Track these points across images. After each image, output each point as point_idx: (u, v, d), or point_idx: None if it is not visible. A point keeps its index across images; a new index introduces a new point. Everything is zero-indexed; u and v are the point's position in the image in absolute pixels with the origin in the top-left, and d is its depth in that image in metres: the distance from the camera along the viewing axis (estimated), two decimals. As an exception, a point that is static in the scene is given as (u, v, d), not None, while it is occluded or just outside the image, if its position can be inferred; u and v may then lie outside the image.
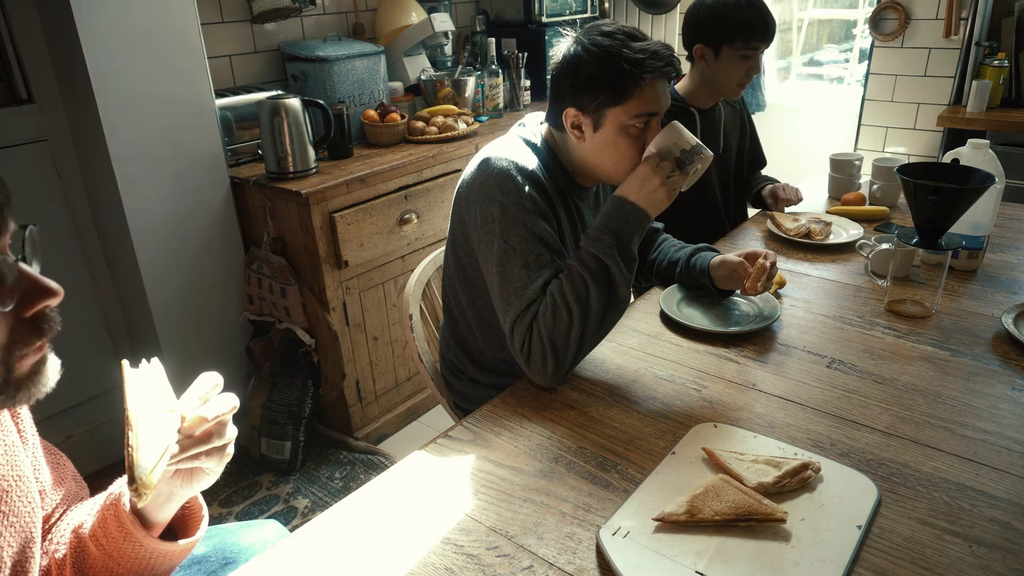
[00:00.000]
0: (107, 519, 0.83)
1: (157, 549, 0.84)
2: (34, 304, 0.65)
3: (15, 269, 0.64)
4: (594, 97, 1.19)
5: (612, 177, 1.27)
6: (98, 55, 1.86)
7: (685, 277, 1.49)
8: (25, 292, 0.65)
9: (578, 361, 1.18)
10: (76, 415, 2.23)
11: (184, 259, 2.15)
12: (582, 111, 1.21)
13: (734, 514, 0.87)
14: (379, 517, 0.94)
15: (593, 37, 1.19)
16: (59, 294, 0.66)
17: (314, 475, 2.25)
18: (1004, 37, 2.97)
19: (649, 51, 1.16)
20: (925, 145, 3.21)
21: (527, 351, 1.17)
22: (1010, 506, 0.91)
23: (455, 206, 1.32)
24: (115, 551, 0.83)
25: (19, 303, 0.64)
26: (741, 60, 1.76)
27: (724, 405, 1.14)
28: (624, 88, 1.17)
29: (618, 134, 1.21)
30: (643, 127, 1.21)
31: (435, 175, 2.38)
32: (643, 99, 1.18)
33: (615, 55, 1.16)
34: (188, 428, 0.79)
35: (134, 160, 1.98)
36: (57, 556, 0.87)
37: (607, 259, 1.15)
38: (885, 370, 1.22)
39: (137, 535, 0.82)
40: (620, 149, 1.22)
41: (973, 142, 1.53)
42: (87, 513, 0.89)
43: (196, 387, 0.82)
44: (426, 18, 2.68)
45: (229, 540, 1.10)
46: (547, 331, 1.14)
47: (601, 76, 1.17)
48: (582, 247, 1.19)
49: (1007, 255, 1.68)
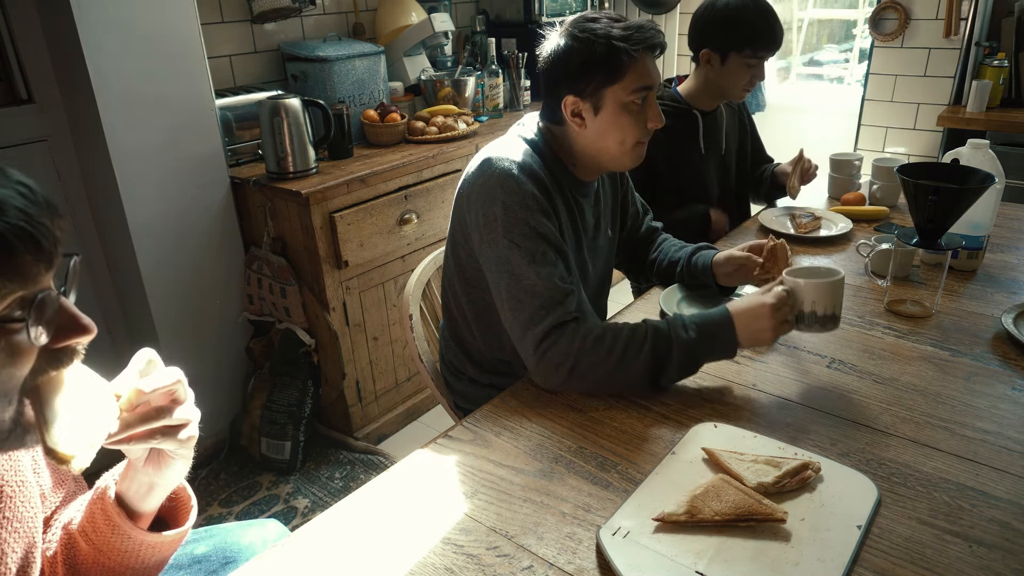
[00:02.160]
0: (95, 513, 0.83)
1: (145, 540, 0.84)
2: (66, 339, 0.65)
3: (56, 303, 0.64)
4: (590, 80, 1.21)
5: (616, 158, 1.29)
6: (98, 55, 1.86)
7: (686, 276, 1.49)
8: (60, 327, 0.64)
9: (577, 389, 1.18)
10: (76, 415, 2.23)
11: (184, 259, 2.15)
12: (580, 97, 1.23)
13: (734, 514, 0.87)
14: (379, 517, 0.94)
15: (578, 25, 1.22)
16: (92, 332, 0.66)
17: (314, 475, 2.25)
18: (1004, 37, 2.97)
19: (635, 26, 1.20)
20: (925, 145, 3.21)
21: (545, 350, 1.15)
22: (1010, 506, 0.91)
23: (456, 206, 1.32)
24: (104, 544, 0.83)
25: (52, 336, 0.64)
26: (747, 68, 1.77)
27: (724, 405, 1.14)
28: (618, 65, 1.19)
29: (619, 113, 1.23)
30: (642, 103, 1.24)
31: (435, 175, 2.38)
32: (637, 73, 1.21)
33: (604, 36, 1.19)
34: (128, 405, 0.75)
35: (134, 160, 1.98)
36: (48, 554, 0.87)
37: (676, 351, 1.13)
38: (885, 370, 1.22)
39: (124, 527, 0.82)
40: (623, 127, 1.24)
41: (973, 142, 1.53)
42: (76, 510, 0.89)
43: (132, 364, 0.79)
44: (426, 18, 2.68)
45: (230, 539, 1.10)
46: (580, 349, 1.13)
47: (594, 58, 1.19)
48: (671, 320, 1.16)
49: (1007, 255, 1.68)
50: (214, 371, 2.32)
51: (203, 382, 1.90)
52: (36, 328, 0.62)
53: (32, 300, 0.61)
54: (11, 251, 0.58)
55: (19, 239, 0.59)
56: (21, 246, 0.59)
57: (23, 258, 0.59)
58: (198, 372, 2.33)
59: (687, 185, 1.92)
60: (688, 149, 1.90)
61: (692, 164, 1.91)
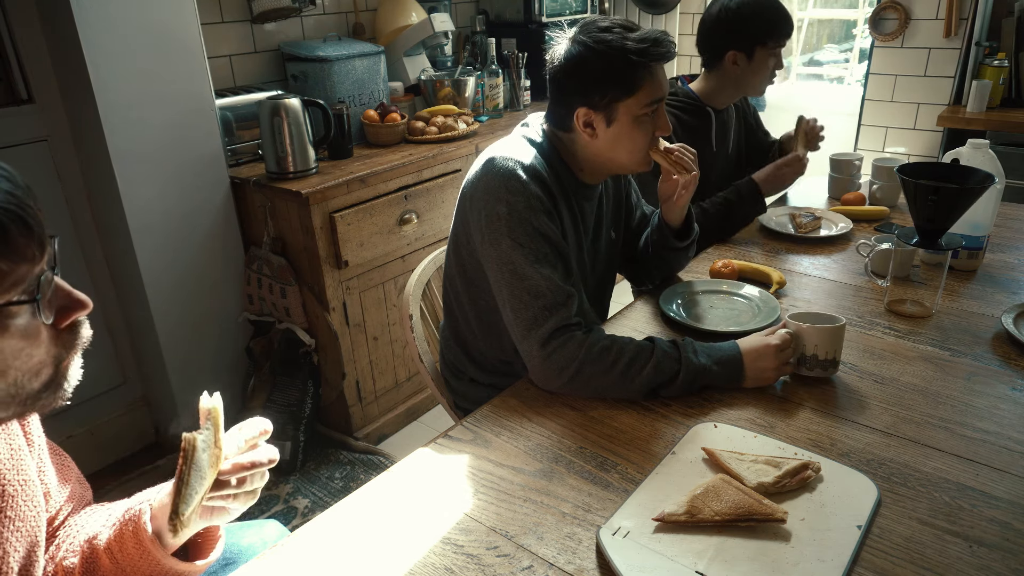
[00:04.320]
0: (125, 535, 0.83)
1: (174, 569, 0.85)
2: (68, 316, 0.69)
3: (52, 283, 0.67)
4: (604, 93, 1.21)
5: (625, 167, 1.31)
6: (98, 55, 1.86)
7: (652, 237, 1.51)
8: (60, 306, 0.68)
9: (575, 394, 1.18)
10: (76, 415, 2.23)
11: (184, 259, 2.15)
12: (593, 109, 1.23)
13: (734, 514, 0.87)
14: (379, 517, 0.94)
15: (592, 34, 1.20)
16: (89, 305, 0.70)
17: (314, 475, 2.25)
18: (1004, 37, 2.97)
19: (650, 39, 1.20)
20: (925, 145, 3.21)
21: (550, 352, 1.15)
22: (1010, 506, 0.91)
23: (459, 206, 1.32)
24: (129, 566, 0.83)
25: (56, 316, 0.68)
26: (771, 58, 1.82)
27: (724, 405, 1.14)
28: (634, 79, 1.20)
29: (632, 126, 1.24)
30: (653, 114, 1.25)
31: (435, 175, 2.38)
32: (652, 87, 1.22)
33: (619, 49, 1.18)
34: (227, 472, 0.81)
35: (134, 160, 1.98)
36: (66, 564, 0.87)
37: (684, 373, 1.14)
38: (885, 370, 1.22)
39: (156, 554, 0.83)
40: (634, 139, 1.25)
41: (973, 142, 1.53)
42: (102, 524, 0.88)
43: (244, 430, 0.85)
44: (426, 18, 2.68)
45: (229, 540, 1.09)
46: (585, 356, 1.14)
47: (609, 71, 1.19)
48: (681, 343, 1.17)
49: (1007, 255, 1.68)
50: (214, 371, 2.32)
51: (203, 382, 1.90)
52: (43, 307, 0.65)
53: (37, 281, 0.64)
54: (6, 233, 0.61)
55: (12, 221, 0.61)
56: (15, 228, 0.61)
57: (18, 240, 0.62)
58: (198, 372, 2.35)
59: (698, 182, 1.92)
60: (700, 147, 1.90)
61: (704, 161, 1.91)
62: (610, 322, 1.43)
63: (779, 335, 1.18)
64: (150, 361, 2.26)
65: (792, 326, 1.18)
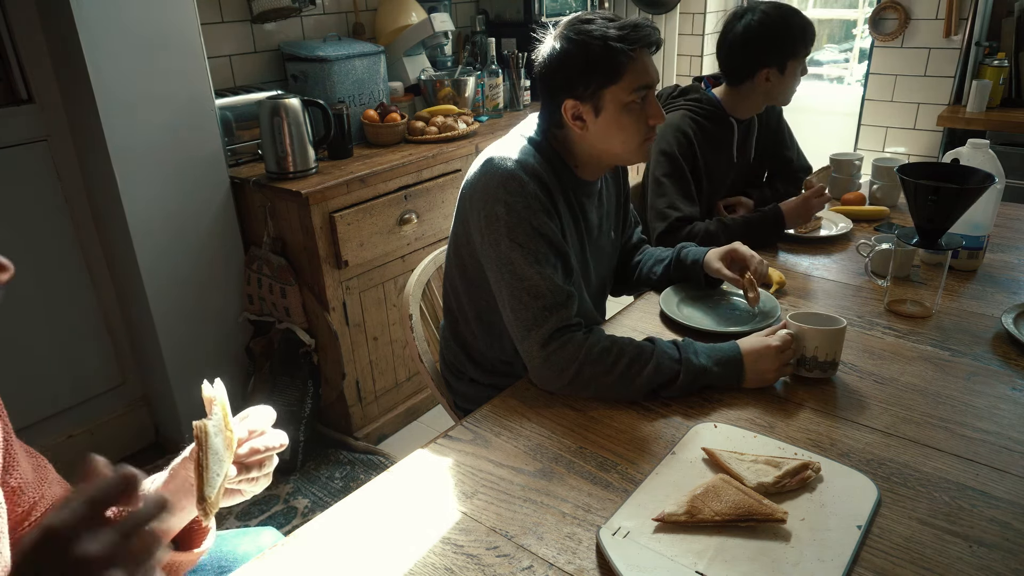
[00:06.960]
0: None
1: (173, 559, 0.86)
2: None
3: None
4: (589, 82, 1.20)
5: (620, 157, 1.30)
6: (98, 55, 1.85)
7: (674, 270, 1.51)
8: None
9: (575, 395, 1.18)
10: (76, 415, 2.23)
11: (184, 259, 2.15)
12: (580, 100, 1.22)
13: (734, 514, 0.87)
14: (379, 517, 0.94)
15: (574, 27, 1.21)
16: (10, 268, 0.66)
17: (314, 475, 2.25)
18: (1004, 37, 2.97)
19: (631, 25, 1.19)
20: (925, 145, 3.21)
21: (550, 353, 1.15)
22: (1010, 506, 0.91)
23: (459, 206, 1.32)
24: None
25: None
26: (799, 67, 1.80)
27: (724, 405, 1.14)
28: (617, 65, 1.19)
29: (621, 113, 1.22)
30: (642, 101, 1.23)
31: (435, 175, 2.38)
32: (636, 73, 1.20)
33: (600, 37, 1.18)
34: (244, 455, 0.83)
35: (134, 160, 1.98)
36: None
37: (684, 374, 1.14)
38: (885, 370, 1.22)
39: None
40: (625, 127, 1.24)
41: (973, 142, 1.53)
42: None
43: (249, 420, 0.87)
44: (426, 18, 2.68)
45: (225, 548, 1.09)
46: (586, 357, 1.14)
47: (592, 60, 1.19)
48: (682, 344, 1.18)
49: (1007, 255, 1.68)
50: (214, 371, 2.30)
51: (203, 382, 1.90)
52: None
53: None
54: None
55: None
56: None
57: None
58: (198, 372, 2.34)
59: (714, 190, 1.92)
60: (721, 155, 1.90)
61: (720, 170, 1.91)
62: (610, 322, 1.44)
63: (780, 336, 1.18)
64: (150, 361, 2.26)
65: (793, 327, 1.18)
